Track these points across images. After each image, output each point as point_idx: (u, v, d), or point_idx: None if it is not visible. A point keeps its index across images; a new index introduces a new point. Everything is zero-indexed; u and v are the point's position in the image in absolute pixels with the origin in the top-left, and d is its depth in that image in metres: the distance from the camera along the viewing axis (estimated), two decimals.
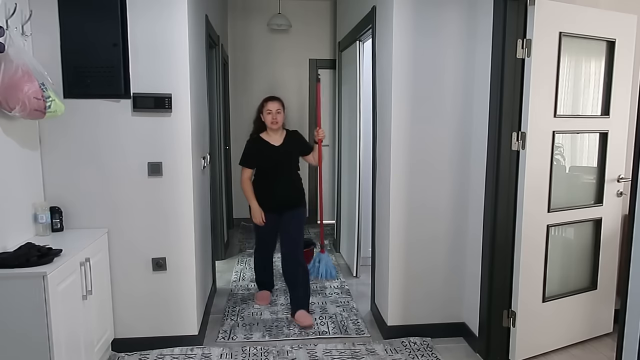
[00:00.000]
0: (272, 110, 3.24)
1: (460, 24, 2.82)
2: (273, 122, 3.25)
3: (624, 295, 1.94)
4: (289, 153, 3.33)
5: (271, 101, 3.28)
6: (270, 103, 3.27)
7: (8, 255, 2.04)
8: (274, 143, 3.31)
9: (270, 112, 3.24)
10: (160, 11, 2.61)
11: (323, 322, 3.29)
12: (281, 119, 3.28)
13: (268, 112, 3.25)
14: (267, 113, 3.25)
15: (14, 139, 2.34)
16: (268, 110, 3.25)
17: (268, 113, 3.25)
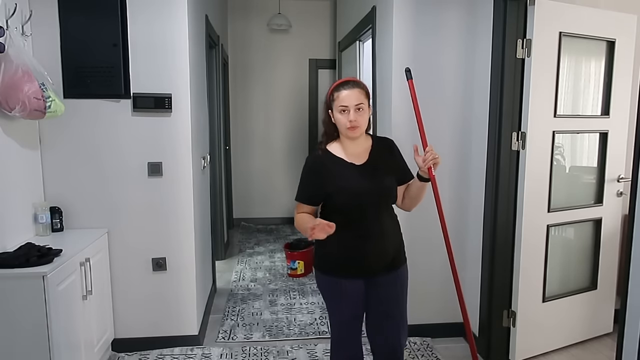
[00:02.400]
0: (348, 107, 1.80)
1: (460, 24, 2.81)
2: (351, 126, 1.81)
3: (624, 295, 1.94)
4: (380, 179, 1.90)
5: (346, 89, 1.82)
6: (345, 93, 1.81)
7: (8, 255, 2.04)
8: (354, 161, 1.90)
9: (346, 110, 1.81)
10: (160, 11, 2.61)
11: (323, 322, 3.29)
12: (364, 119, 1.85)
13: (342, 108, 1.81)
14: (341, 111, 1.81)
15: (14, 139, 2.34)
16: (342, 107, 1.80)
17: (342, 111, 1.81)
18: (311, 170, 1.91)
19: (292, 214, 6.54)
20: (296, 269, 4.21)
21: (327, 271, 1.93)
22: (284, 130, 6.12)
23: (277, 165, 6.17)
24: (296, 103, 6.09)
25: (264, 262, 4.66)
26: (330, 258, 1.91)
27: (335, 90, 1.86)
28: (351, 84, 1.85)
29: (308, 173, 1.92)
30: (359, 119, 1.81)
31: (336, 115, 1.84)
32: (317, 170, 1.89)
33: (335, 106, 1.84)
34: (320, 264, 1.96)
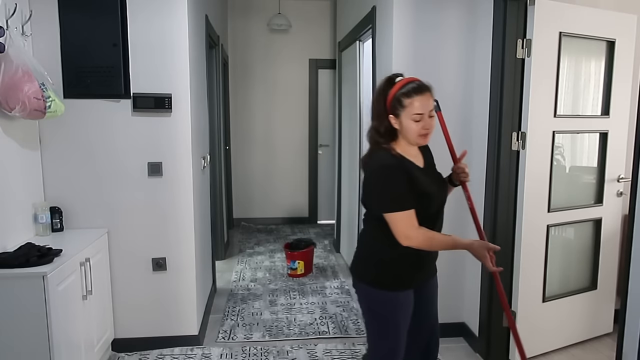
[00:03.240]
0: (423, 115, 1.67)
1: (460, 24, 2.82)
2: (424, 133, 1.70)
3: (624, 295, 1.95)
4: (442, 182, 1.90)
5: (421, 94, 1.67)
6: (419, 100, 1.66)
7: (8, 255, 2.05)
8: (419, 164, 1.81)
9: (422, 118, 1.67)
10: (160, 11, 2.61)
11: (323, 322, 3.29)
12: (434, 124, 1.74)
13: (416, 117, 1.66)
14: (414, 119, 1.66)
15: (14, 139, 2.34)
16: (416, 115, 1.66)
17: (415, 119, 1.66)
18: (400, 173, 1.66)
19: (292, 213, 6.57)
20: (296, 269, 4.21)
21: (398, 287, 1.75)
22: (284, 130, 6.12)
23: (277, 165, 6.17)
24: (296, 103, 6.09)
25: (264, 262, 4.66)
26: (403, 271, 1.75)
27: (404, 96, 1.66)
28: (423, 88, 1.68)
29: (398, 177, 1.66)
30: (431, 124, 1.70)
31: (406, 122, 1.67)
32: (406, 173, 1.68)
33: (405, 113, 1.66)
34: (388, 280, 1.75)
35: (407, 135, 1.70)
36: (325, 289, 3.95)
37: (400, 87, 1.69)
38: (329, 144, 6.20)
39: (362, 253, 1.86)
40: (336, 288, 3.96)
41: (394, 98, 1.68)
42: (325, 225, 6.21)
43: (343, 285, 4.02)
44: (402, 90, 1.68)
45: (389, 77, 1.75)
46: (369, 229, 1.83)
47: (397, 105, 1.67)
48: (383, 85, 1.74)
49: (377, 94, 1.75)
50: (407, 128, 1.68)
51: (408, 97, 1.66)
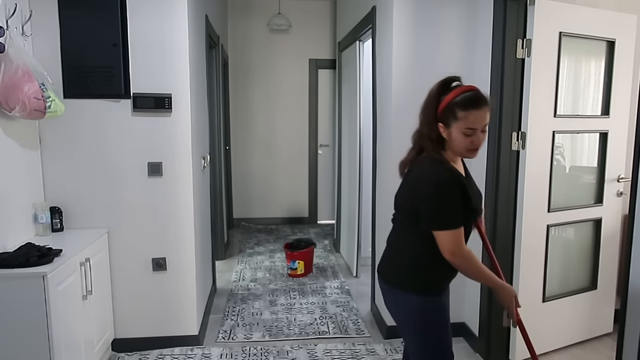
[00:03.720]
0: (476, 130, 1.56)
1: (460, 24, 2.82)
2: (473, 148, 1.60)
3: (624, 295, 1.95)
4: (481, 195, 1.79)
5: (478, 108, 1.55)
6: (476, 114, 1.54)
7: (8, 255, 2.05)
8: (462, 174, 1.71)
9: (474, 133, 1.56)
10: (160, 11, 2.61)
11: (323, 322, 3.29)
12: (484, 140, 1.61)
13: (468, 131, 1.55)
14: (465, 133, 1.56)
15: (14, 139, 2.34)
16: (470, 128, 1.55)
17: (467, 134, 1.56)
18: (457, 191, 1.56)
19: (292, 213, 6.57)
20: (296, 269, 4.21)
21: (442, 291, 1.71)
22: (284, 130, 6.12)
23: (277, 165, 6.17)
24: (296, 103, 6.09)
25: (264, 262, 4.66)
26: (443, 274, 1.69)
27: (460, 107, 1.53)
28: (481, 101, 1.55)
29: (455, 195, 1.55)
30: (483, 140, 1.59)
31: (455, 134, 1.56)
32: (462, 188, 1.57)
33: (456, 125, 1.55)
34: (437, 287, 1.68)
35: (454, 147, 1.60)
36: (325, 289, 3.95)
37: (456, 95, 1.56)
38: (329, 144, 6.20)
39: (407, 263, 1.68)
40: (336, 288, 3.96)
41: (448, 107, 1.56)
42: (325, 225, 6.21)
43: (343, 285, 4.02)
44: (457, 100, 1.54)
45: (445, 81, 1.63)
46: (410, 235, 1.67)
47: (450, 116, 1.56)
48: (437, 89, 1.61)
49: (429, 97, 1.63)
50: (456, 140, 1.57)
51: (464, 109, 1.53)
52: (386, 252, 1.80)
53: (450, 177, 1.57)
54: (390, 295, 1.75)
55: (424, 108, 1.65)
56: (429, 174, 1.59)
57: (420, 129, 1.66)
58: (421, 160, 1.64)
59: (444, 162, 1.60)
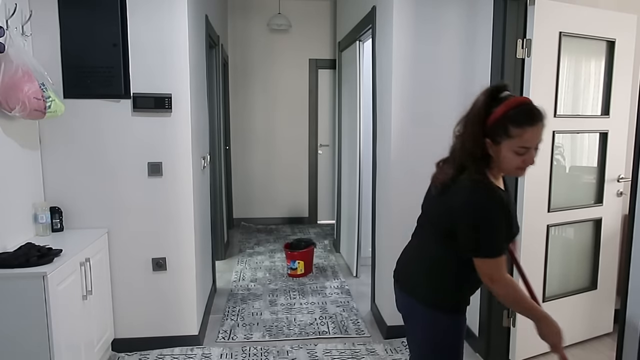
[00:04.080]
0: (532, 147, 1.41)
1: (460, 24, 2.82)
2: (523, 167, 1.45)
3: (624, 295, 1.95)
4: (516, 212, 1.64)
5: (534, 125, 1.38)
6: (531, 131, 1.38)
7: (8, 255, 2.04)
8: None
9: (527, 151, 1.41)
10: (160, 11, 2.61)
11: (323, 322, 3.29)
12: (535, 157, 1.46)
13: (521, 150, 1.40)
14: (517, 152, 1.40)
15: (14, 139, 2.34)
16: (523, 147, 1.39)
17: (519, 153, 1.40)
18: (505, 212, 1.42)
19: (292, 213, 6.57)
20: (296, 269, 4.21)
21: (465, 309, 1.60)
22: (284, 130, 6.12)
23: (277, 165, 6.17)
24: (296, 103, 6.09)
25: (264, 262, 4.66)
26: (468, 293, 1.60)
27: (514, 124, 1.36)
28: (538, 117, 1.38)
29: (501, 220, 1.41)
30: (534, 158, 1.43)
31: (506, 152, 1.39)
32: (509, 212, 1.44)
33: (508, 143, 1.38)
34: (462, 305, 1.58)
35: (501, 166, 1.44)
36: (325, 289, 3.95)
37: (509, 109, 1.37)
38: (329, 144, 6.20)
39: (436, 280, 1.55)
40: (336, 288, 3.96)
41: (499, 122, 1.38)
42: (325, 225, 6.21)
43: (343, 285, 4.02)
44: (511, 115, 1.37)
45: (493, 90, 1.43)
46: (440, 251, 1.53)
47: (501, 132, 1.38)
48: (485, 100, 1.41)
49: (475, 110, 1.43)
50: (506, 159, 1.41)
51: (518, 126, 1.36)
52: (410, 264, 1.65)
53: (497, 205, 1.40)
54: (410, 308, 1.63)
55: (468, 121, 1.44)
56: (472, 199, 1.40)
57: (462, 144, 1.45)
58: (464, 181, 1.43)
59: (489, 185, 1.42)
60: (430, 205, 1.59)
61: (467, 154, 1.43)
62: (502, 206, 1.40)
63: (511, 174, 1.49)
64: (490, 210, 1.39)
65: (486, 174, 1.44)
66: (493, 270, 1.42)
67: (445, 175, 1.48)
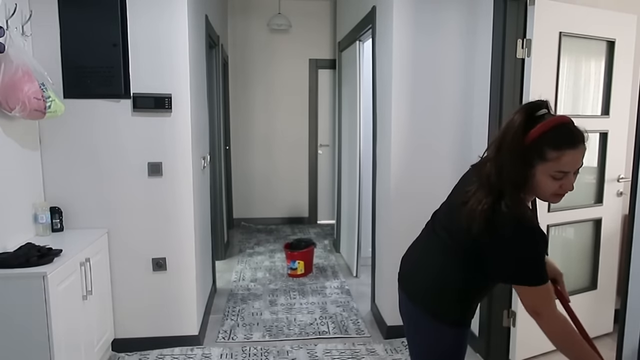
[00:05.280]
0: (569, 173, 1.30)
1: (460, 24, 2.82)
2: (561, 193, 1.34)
3: (624, 295, 1.95)
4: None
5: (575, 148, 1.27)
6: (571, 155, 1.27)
7: (8, 256, 2.05)
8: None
9: (565, 176, 1.29)
10: (160, 11, 2.61)
11: (323, 322, 3.29)
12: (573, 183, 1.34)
13: (559, 174, 1.29)
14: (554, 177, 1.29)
15: (14, 139, 2.34)
16: (561, 171, 1.28)
17: (556, 177, 1.29)
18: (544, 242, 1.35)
19: (292, 213, 6.56)
20: (296, 269, 4.21)
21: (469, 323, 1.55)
22: (284, 130, 6.12)
23: (277, 165, 6.17)
24: (296, 103, 6.09)
25: (264, 262, 4.66)
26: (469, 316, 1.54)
27: (552, 147, 1.25)
28: (579, 140, 1.27)
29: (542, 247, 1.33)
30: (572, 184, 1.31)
31: (541, 176, 1.28)
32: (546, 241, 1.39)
33: (544, 166, 1.27)
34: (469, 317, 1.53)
35: (536, 191, 1.34)
36: (325, 289, 3.95)
37: (547, 130, 1.26)
38: (329, 144, 6.20)
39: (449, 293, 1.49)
40: (336, 288, 3.96)
41: (535, 144, 1.26)
42: (325, 225, 6.21)
43: (343, 285, 4.02)
44: (548, 136, 1.25)
45: (529, 110, 1.30)
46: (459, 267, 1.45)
47: (536, 155, 1.27)
48: (522, 119, 1.28)
49: (511, 129, 1.29)
50: (541, 184, 1.30)
51: (556, 149, 1.25)
52: (419, 273, 1.58)
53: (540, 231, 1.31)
54: (415, 317, 1.58)
55: (506, 144, 1.30)
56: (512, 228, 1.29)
57: (498, 170, 1.30)
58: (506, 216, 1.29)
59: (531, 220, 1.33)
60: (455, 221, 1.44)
61: (507, 182, 1.30)
62: (542, 238, 1.32)
63: (547, 199, 1.37)
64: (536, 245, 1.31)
65: (523, 201, 1.34)
66: (542, 303, 1.33)
67: (478, 204, 1.32)
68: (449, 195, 1.58)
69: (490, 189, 1.31)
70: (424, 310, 1.52)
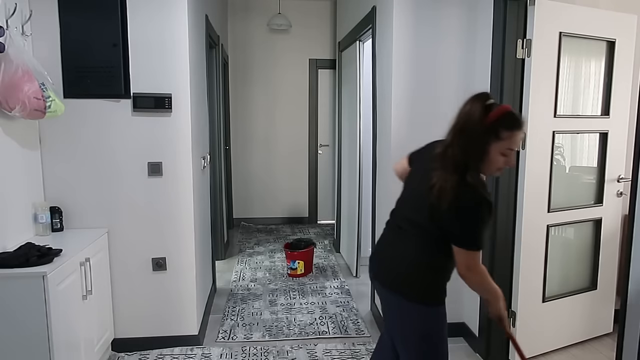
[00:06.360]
0: (515, 149, 1.59)
1: (460, 24, 2.82)
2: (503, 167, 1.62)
3: (624, 295, 1.95)
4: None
5: (520, 129, 1.56)
6: (519, 133, 1.56)
7: (8, 255, 2.04)
8: None
9: (512, 152, 1.58)
10: (160, 11, 2.61)
11: (323, 322, 3.29)
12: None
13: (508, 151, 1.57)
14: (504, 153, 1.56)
15: (14, 139, 2.34)
16: (510, 148, 1.56)
17: (505, 154, 1.57)
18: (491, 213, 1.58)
19: (292, 213, 6.57)
20: (296, 269, 4.21)
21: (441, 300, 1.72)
22: (284, 130, 6.13)
23: (277, 165, 6.17)
24: (296, 103, 6.09)
25: (264, 262, 4.66)
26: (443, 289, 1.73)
27: (505, 128, 1.52)
28: (522, 121, 1.56)
29: (489, 217, 1.58)
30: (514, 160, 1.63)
31: (494, 154, 1.55)
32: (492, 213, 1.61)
33: (498, 145, 1.53)
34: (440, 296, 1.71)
35: (487, 166, 1.59)
36: (325, 289, 3.95)
37: (501, 115, 1.53)
38: (329, 144, 6.20)
39: (421, 276, 1.68)
40: (336, 288, 3.96)
41: (492, 126, 1.52)
42: (325, 225, 6.21)
43: (343, 285, 4.02)
44: (502, 120, 1.53)
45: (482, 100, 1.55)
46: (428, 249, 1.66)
47: (493, 135, 1.53)
48: (478, 109, 1.54)
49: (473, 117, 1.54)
50: (492, 160, 1.56)
51: (510, 130, 1.52)
52: (396, 262, 1.73)
53: (489, 202, 1.56)
54: (397, 305, 1.73)
55: (468, 128, 1.55)
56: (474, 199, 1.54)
57: (463, 149, 1.55)
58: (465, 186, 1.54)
59: (486, 189, 1.58)
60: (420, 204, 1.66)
61: (470, 159, 1.55)
62: (491, 207, 1.56)
63: (491, 174, 1.64)
64: (488, 211, 1.55)
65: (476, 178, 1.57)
66: (472, 262, 1.60)
67: (442, 183, 1.55)
68: (405, 189, 1.81)
69: (455, 167, 1.54)
70: (405, 297, 1.69)
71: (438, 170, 1.59)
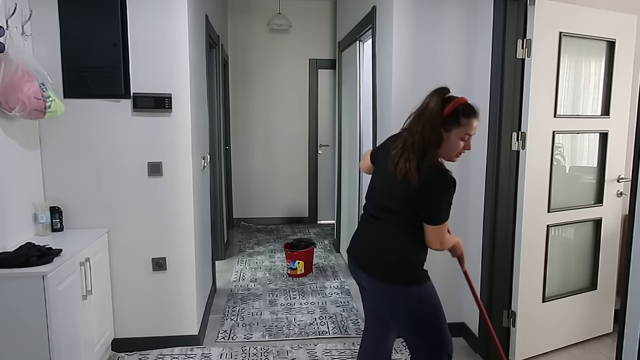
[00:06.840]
0: (472, 135, 1.79)
1: (460, 24, 2.82)
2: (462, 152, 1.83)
3: (624, 295, 1.94)
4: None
5: (477, 117, 1.77)
6: (475, 122, 1.77)
7: (8, 255, 2.04)
8: None
9: (470, 137, 1.79)
10: (160, 11, 2.61)
11: (323, 322, 3.29)
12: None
13: (466, 135, 1.77)
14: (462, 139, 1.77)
15: (14, 139, 2.34)
16: (468, 134, 1.77)
17: (463, 139, 1.77)
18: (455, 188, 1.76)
19: (292, 213, 6.56)
20: (296, 269, 4.21)
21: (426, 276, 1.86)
22: (284, 130, 6.13)
23: (277, 165, 6.17)
24: (296, 103, 6.09)
25: (264, 262, 4.66)
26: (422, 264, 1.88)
27: (464, 115, 1.73)
28: (477, 111, 1.78)
29: (454, 192, 1.76)
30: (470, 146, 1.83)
31: (454, 139, 1.75)
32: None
33: (457, 131, 1.74)
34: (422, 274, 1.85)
35: (447, 151, 1.78)
36: (325, 289, 3.95)
37: (459, 105, 1.74)
38: (329, 144, 6.20)
39: (399, 256, 1.81)
40: (336, 288, 3.96)
41: (452, 115, 1.73)
42: (325, 225, 6.21)
43: (343, 285, 4.02)
44: (461, 109, 1.74)
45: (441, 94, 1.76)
46: (407, 232, 1.80)
47: (453, 122, 1.74)
48: (440, 99, 1.75)
49: (434, 106, 1.74)
50: (451, 145, 1.76)
51: (467, 117, 1.74)
52: (378, 252, 1.85)
53: (453, 180, 1.74)
54: (384, 291, 1.85)
55: (427, 117, 1.75)
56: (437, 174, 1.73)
57: (422, 135, 1.74)
58: (432, 168, 1.73)
59: (447, 169, 1.75)
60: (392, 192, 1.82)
61: (429, 143, 1.73)
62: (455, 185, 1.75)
63: (451, 159, 1.81)
64: (451, 183, 1.73)
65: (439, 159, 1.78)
66: (443, 235, 1.80)
67: (410, 164, 1.73)
68: (374, 182, 1.95)
69: (415, 151, 1.73)
70: (397, 282, 1.81)
71: (401, 155, 1.76)
